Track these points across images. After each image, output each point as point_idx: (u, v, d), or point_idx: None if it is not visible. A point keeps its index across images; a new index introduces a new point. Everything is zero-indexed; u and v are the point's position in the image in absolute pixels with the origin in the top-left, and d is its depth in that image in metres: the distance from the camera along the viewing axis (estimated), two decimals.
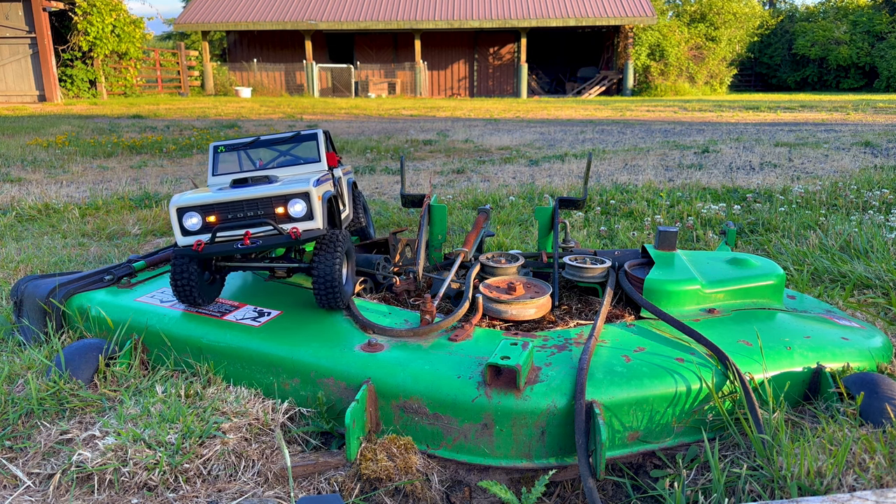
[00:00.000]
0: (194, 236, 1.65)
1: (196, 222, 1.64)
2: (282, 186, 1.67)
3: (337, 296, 1.75)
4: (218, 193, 1.66)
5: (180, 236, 1.65)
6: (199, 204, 1.64)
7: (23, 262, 2.96)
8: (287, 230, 1.64)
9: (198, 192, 1.72)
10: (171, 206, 1.64)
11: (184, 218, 1.64)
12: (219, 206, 1.64)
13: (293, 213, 1.66)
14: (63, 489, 1.35)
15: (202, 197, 1.65)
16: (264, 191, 1.65)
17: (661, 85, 24.28)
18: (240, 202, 1.65)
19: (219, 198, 1.64)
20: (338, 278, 1.73)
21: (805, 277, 2.58)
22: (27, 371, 1.75)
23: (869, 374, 1.51)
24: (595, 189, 4.75)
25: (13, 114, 13.49)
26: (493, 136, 9.47)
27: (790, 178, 5.25)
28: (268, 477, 1.41)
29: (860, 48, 26.89)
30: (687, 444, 1.48)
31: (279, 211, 1.66)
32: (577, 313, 1.94)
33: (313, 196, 1.65)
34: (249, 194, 1.64)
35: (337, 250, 1.74)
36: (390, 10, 24.01)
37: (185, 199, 1.65)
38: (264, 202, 1.65)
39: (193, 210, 1.64)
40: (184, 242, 1.66)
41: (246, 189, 1.67)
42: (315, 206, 1.66)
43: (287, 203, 1.65)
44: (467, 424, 1.44)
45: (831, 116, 12.26)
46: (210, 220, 1.65)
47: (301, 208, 1.65)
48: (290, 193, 1.65)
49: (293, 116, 13.27)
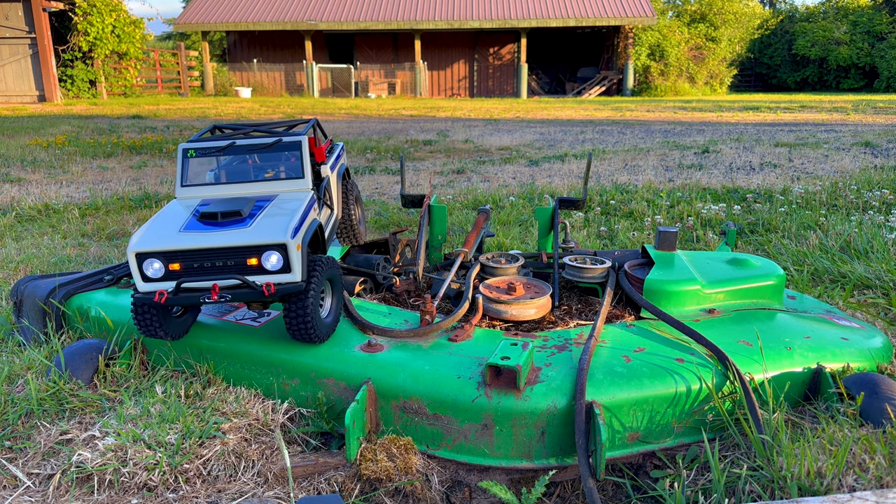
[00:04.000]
0: (156, 283, 1.46)
1: (158, 268, 1.46)
2: (255, 234, 1.46)
3: (311, 331, 1.54)
4: (182, 237, 1.46)
5: (141, 283, 1.46)
6: (161, 250, 1.45)
7: (23, 262, 2.96)
8: (260, 285, 1.44)
9: (160, 228, 1.52)
10: (130, 251, 1.45)
11: (144, 265, 1.45)
12: (183, 253, 1.45)
13: (267, 266, 1.46)
14: (63, 489, 1.35)
15: (164, 241, 1.46)
16: (234, 239, 1.44)
17: (661, 85, 24.27)
18: (206, 251, 1.45)
19: (183, 244, 1.44)
20: (312, 311, 1.52)
21: (805, 278, 2.58)
22: (27, 371, 1.75)
23: (869, 374, 1.51)
24: (595, 189, 4.75)
25: (13, 114, 13.49)
26: (493, 136, 9.47)
27: (790, 178, 5.25)
28: (268, 477, 1.41)
29: (860, 48, 26.88)
30: (687, 445, 1.48)
31: (251, 262, 1.45)
32: (577, 313, 1.94)
33: (291, 248, 1.44)
34: (217, 242, 1.44)
35: (311, 281, 1.52)
36: (390, 10, 24.00)
37: (145, 243, 1.46)
38: (234, 252, 1.45)
39: (155, 256, 1.45)
40: (145, 289, 1.47)
41: (214, 233, 1.47)
42: (293, 257, 1.45)
43: (260, 255, 1.45)
44: (467, 425, 1.44)
45: (831, 117, 12.26)
46: (173, 268, 1.46)
47: (276, 261, 1.45)
48: (263, 245, 1.44)
49: (293, 116, 13.27)
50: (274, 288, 1.44)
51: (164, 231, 1.50)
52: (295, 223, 1.50)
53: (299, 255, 1.47)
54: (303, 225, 1.55)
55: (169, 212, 1.63)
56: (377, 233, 3.63)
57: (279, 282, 1.47)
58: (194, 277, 1.46)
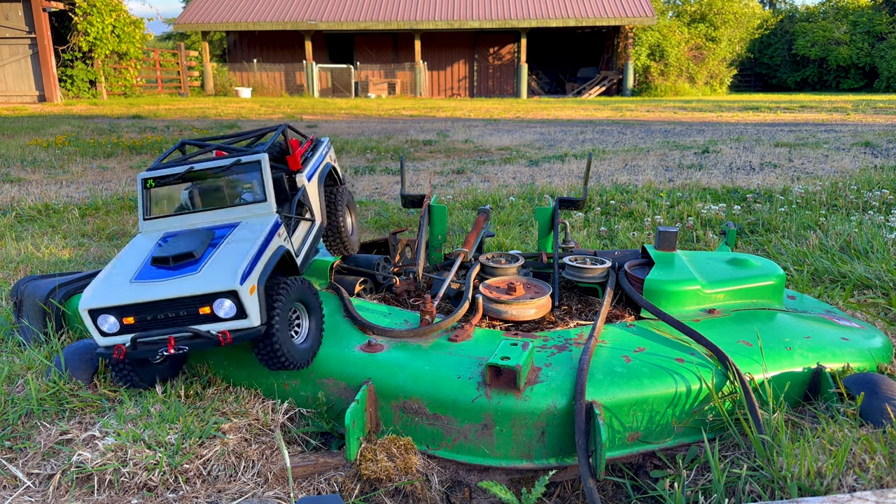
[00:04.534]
0: (114, 338, 1.42)
1: (113, 323, 1.41)
2: (204, 281, 1.38)
3: (285, 362, 1.47)
4: (132, 290, 1.40)
5: (99, 338, 1.43)
6: (112, 306, 1.39)
7: (23, 262, 2.96)
8: (215, 335, 1.38)
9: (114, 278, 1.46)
10: (81, 308, 1.40)
11: (98, 321, 1.41)
12: (134, 307, 1.39)
13: (221, 314, 1.39)
14: (63, 489, 1.35)
15: (115, 296, 1.40)
16: (183, 289, 1.37)
17: (661, 85, 24.27)
18: (157, 304, 1.39)
19: (132, 298, 1.39)
20: (281, 346, 1.45)
21: (805, 278, 2.58)
22: (27, 371, 1.75)
23: (869, 374, 1.51)
24: (595, 189, 4.75)
25: (13, 114, 13.49)
26: (493, 136, 9.47)
27: (790, 178, 5.25)
28: (268, 477, 1.41)
29: (860, 48, 26.88)
30: (687, 445, 1.48)
31: (204, 310, 1.39)
32: (577, 313, 1.94)
33: (243, 294, 1.36)
34: (166, 293, 1.38)
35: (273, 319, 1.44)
36: (390, 10, 24.01)
37: (96, 299, 1.40)
38: (185, 302, 1.38)
39: (107, 312, 1.40)
40: (105, 344, 1.43)
41: (163, 282, 1.40)
42: (247, 303, 1.37)
43: (212, 303, 1.38)
44: (467, 425, 1.44)
45: (831, 117, 12.26)
46: (128, 322, 1.41)
47: (230, 307, 1.38)
48: (212, 294, 1.37)
49: (293, 117, 13.27)
50: (230, 337, 1.38)
51: (116, 282, 1.45)
52: (247, 263, 1.41)
53: (255, 299, 1.39)
54: (259, 261, 1.45)
55: (127, 255, 1.56)
56: (377, 233, 3.63)
57: (235, 328, 1.40)
58: (149, 331, 1.41)
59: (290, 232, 1.67)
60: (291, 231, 1.68)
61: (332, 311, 1.81)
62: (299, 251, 1.72)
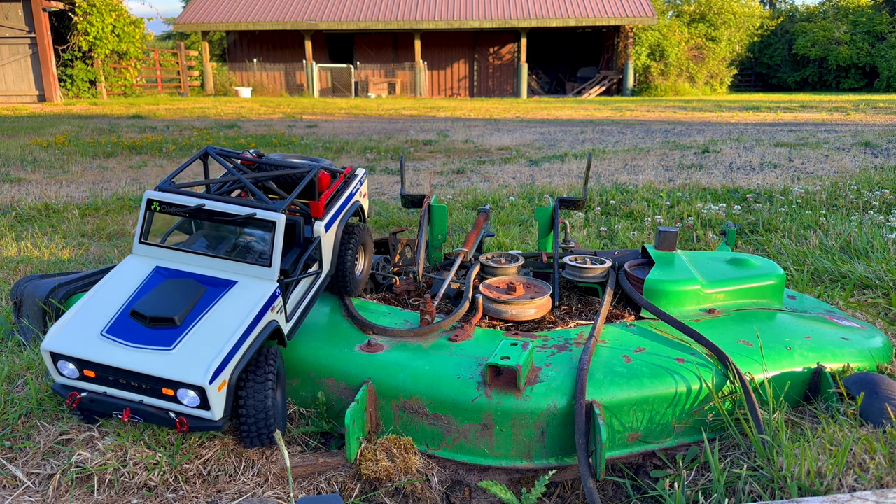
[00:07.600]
0: (72, 382, 1.40)
1: (73, 370, 1.38)
2: (173, 365, 1.31)
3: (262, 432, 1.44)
4: (98, 346, 1.35)
5: (56, 376, 1.40)
6: (74, 357, 1.35)
7: (23, 262, 2.96)
8: (173, 418, 1.35)
9: (84, 321, 1.41)
10: (43, 349, 1.37)
11: (59, 364, 1.38)
12: (97, 366, 1.35)
13: (183, 402, 1.33)
14: (63, 489, 1.35)
15: (79, 346, 1.35)
16: (149, 367, 1.31)
17: (661, 85, 24.27)
18: (120, 370, 1.34)
19: (95, 356, 1.34)
20: (269, 409, 1.42)
21: (805, 277, 2.58)
22: (27, 371, 1.75)
23: (869, 374, 1.51)
24: (595, 189, 4.75)
25: (13, 114, 13.49)
26: (493, 136, 9.47)
27: (790, 178, 5.25)
28: (268, 477, 1.41)
29: (860, 48, 26.87)
30: (687, 445, 1.48)
31: (168, 391, 1.34)
32: (577, 313, 1.94)
33: (210, 391, 1.30)
34: (132, 364, 1.32)
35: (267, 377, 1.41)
36: (390, 10, 24.00)
37: (60, 343, 1.36)
38: (149, 379, 1.33)
39: (68, 359, 1.37)
40: (61, 383, 1.41)
41: (131, 350, 1.34)
42: (212, 399, 1.31)
43: (176, 390, 1.32)
44: (467, 425, 1.44)
45: (831, 117, 12.26)
46: (88, 374, 1.37)
47: (193, 398, 1.32)
48: (178, 382, 1.31)
49: (293, 116, 13.27)
50: (187, 425, 1.34)
51: (86, 327, 1.39)
52: (224, 356, 1.33)
53: (222, 395, 1.33)
54: (237, 352, 1.37)
55: (110, 285, 1.49)
56: (377, 233, 3.63)
57: (195, 416, 1.35)
58: (108, 389, 1.38)
59: (290, 291, 1.57)
60: (291, 290, 1.58)
61: (332, 311, 1.81)
62: (294, 312, 1.60)
